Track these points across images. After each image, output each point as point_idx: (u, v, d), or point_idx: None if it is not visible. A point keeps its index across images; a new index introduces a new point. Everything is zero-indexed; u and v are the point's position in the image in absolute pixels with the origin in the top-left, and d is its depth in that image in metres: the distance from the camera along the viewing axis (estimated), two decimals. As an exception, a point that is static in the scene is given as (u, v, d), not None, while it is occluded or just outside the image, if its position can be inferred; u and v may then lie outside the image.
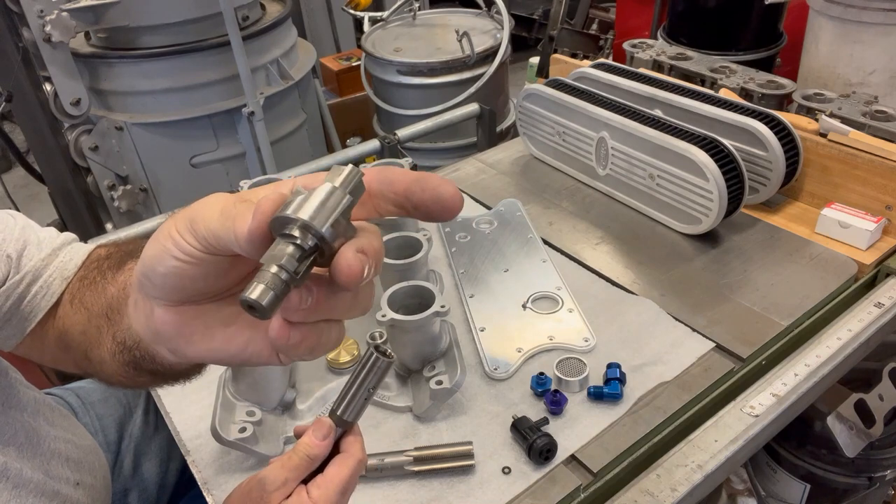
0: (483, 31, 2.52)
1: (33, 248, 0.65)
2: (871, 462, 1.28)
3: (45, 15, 1.80)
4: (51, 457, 0.70)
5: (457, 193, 0.40)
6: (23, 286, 0.63)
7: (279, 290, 0.36)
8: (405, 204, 0.40)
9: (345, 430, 0.54)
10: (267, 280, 0.35)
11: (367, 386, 0.52)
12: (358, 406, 0.53)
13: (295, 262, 0.36)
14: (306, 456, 0.52)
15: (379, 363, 0.51)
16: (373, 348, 0.51)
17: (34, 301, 0.64)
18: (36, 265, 0.64)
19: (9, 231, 0.64)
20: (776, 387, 0.85)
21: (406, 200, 0.40)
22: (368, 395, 0.52)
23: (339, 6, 3.27)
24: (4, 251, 0.63)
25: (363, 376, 0.52)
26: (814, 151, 1.14)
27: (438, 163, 2.04)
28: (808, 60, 1.92)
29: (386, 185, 0.40)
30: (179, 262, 0.41)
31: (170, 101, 2.12)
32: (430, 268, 1.05)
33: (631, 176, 1.18)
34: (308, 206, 0.36)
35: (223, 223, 0.38)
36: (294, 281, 0.36)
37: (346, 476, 0.52)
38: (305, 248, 0.36)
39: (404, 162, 1.09)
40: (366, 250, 0.37)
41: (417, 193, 0.40)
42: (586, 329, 0.94)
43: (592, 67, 1.40)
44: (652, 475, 0.76)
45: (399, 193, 0.40)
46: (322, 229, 0.36)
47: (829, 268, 1.03)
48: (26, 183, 3.22)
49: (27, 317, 0.64)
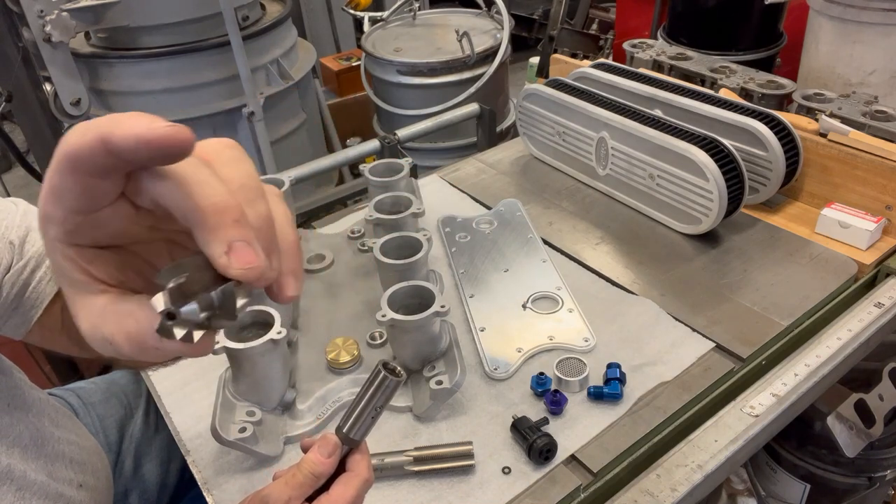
0: (483, 31, 2.52)
1: (35, 233, 0.65)
2: (871, 462, 1.28)
3: (45, 15, 1.80)
4: (55, 458, 0.70)
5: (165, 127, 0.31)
6: (27, 272, 0.63)
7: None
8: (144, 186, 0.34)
9: (351, 447, 0.53)
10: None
11: (375, 405, 0.51)
12: (365, 425, 0.52)
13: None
14: (311, 474, 0.51)
15: (387, 382, 0.50)
16: (381, 366, 0.50)
17: (39, 287, 0.63)
18: (39, 250, 0.64)
19: (11, 218, 0.64)
20: (776, 387, 0.85)
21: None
22: (376, 413, 0.52)
23: (339, 6, 3.27)
24: (7, 238, 0.62)
25: (371, 394, 0.51)
26: (814, 151, 1.14)
27: (438, 163, 2.04)
28: (808, 60, 1.92)
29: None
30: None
31: (170, 101, 2.12)
32: (430, 268, 1.05)
33: (631, 176, 1.18)
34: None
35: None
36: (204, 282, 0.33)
37: (352, 496, 0.51)
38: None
39: (404, 162, 1.09)
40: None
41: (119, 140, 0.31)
42: (586, 329, 0.94)
43: (592, 67, 1.40)
44: (652, 475, 0.76)
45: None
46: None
47: (829, 268, 1.03)
48: (26, 183, 3.22)
49: (34, 304, 0.63)
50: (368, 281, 1.05)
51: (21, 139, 2.85)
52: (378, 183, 1.06)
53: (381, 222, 0.98)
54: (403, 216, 0.97)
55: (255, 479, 0.78)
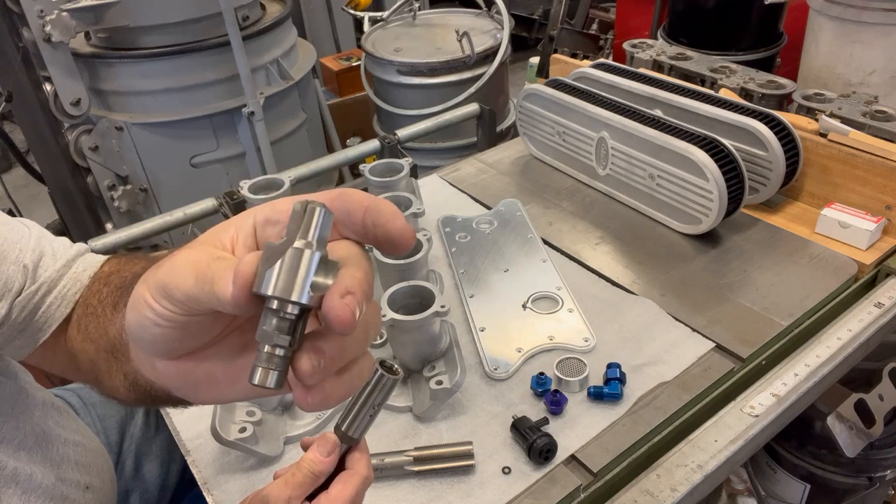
0: (483, 31, 2.52)
1: (48, 258, 0.65)
2: (871, 462, 1.28)
3: (45, 15, 1.80)
4: (61, 461, 0.70)
5: (406, 230, 0.39)
6: (38, 296, 0.63)
7: (280, 366, 0.37)
8: (364, 235, 0.40)
9: (350, 446, 0.53)
10: (264, 361, 0.37)
11: (373, 403, 0.51)
12: (364, 423, 0.52)
13: (286, 335, 0.36)
14: (310, 472, 0.51)
15: (384, 380, 0.50)
16: (378, 364, 0.50)
17: (48, 312, 0.63)
18: (51, 276, 0.64)
19: (24, 241, 0.64)
20: (776, 387, 0.85)
21: (364, 233, 0.40)
22: (374, 411, 0.51)
23: (339, 6, 3.27)
24: (21, 261, 0.63)
25: (368, 393, 0.50)
26: (814, 151, 1.14)
27: (438, 163, 2.04)
28: (808, 60, 1.93)
29: (344, 215, 0.39)
30: (162, 329, 0.40)
31: (170, 101, 2.12)
32: (430, 268, 1.05)
33: (631, 176, 1.18)
34: (282, 278, 0.35)
35: (201, 287, 0.37)
36: (292, 349, 0.37)
37: (351, 494, 0.51)
38: (292, 319, 0.36)
39: (404, 162, 1.09)
40: (351, 289, 0.36)
41: (370, 229, 0.39)
42: (586, 329, 0.94)
43: (592, 67, 1.40)
44: (652, 475, 0.76)
45: (357, 225, 0.40)
46: (301, 299, 0.35)
47: (829, 268, 1.03)
48: (26, 183, 3.22)
49: (41, 327, 0.64)
50: (368, 281, 1.05)
51: (21, 139, 2.85)
52: (378, 183, 1.06)
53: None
54: (403, 216, 0.97)
55: (255, 479, 0.78)
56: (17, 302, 0.62)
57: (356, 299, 0.36)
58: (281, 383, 0.37)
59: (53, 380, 1.59)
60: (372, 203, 0.39)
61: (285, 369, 0.37)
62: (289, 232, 0.36)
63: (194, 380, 0.44)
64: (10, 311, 0.61)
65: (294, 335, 0.37)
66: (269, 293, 0.35)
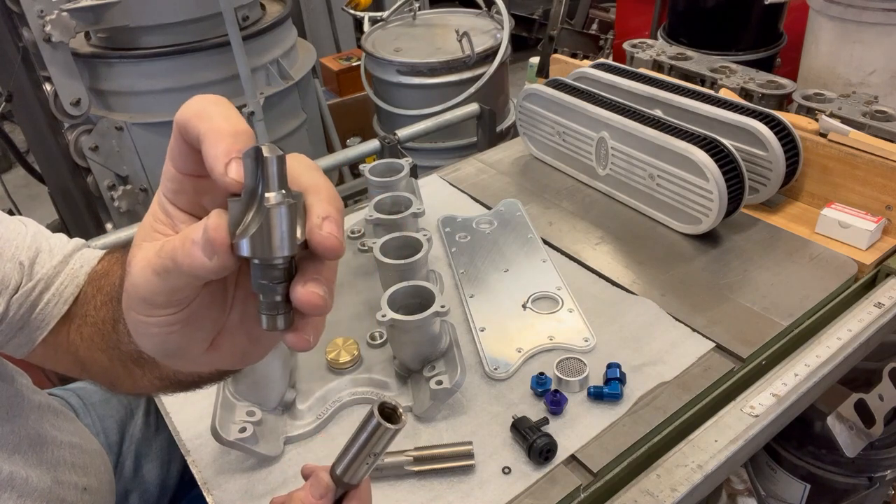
0: (483, 31, 2.52)
1: (45, 255, 0.65)
2: (871, 462, 1.28)
3: (45, 15, 1.80)
4: (57, 463, 0.70)
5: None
6: (35, 294, 0.63)
7: (283, 309, 0.37)
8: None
9: (346, 490, 0.50)
10: (267, 308, 0.37)
11: (371, 451, 0.47)
12: (361, 470, 0.49)
13: (281, 282, 0.37)
14: None
15: (380, 431, 0.46)
16: (377, 410, 0.46)
17: (46, 309, 0.63)
18: (48, 272, 0.64)
19: (21, 238, 0.64)
20: (776, 387, 0.85)
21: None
22: (373, 460, 0.48)
23: (339, 6, 3.27)
24: (17, 258, 0.62)
25: (365, 439, 0.47)
26: (814, 151, 1.14)
27: (438, 163, 2.04)
28: (808, 60, 1.93)
29: None
30: (176, 333, 0.40)
31: (170, 101, 2.12)
32: (430, 268, 1.05)
33: (631, 176, 1.18)
34: (263, 239, 0.35)
35: (169, 273, 0.37)
36: (287, 290, 0.37)
37: None
38: (282, 269, 0.36)
39: (404, 162, 1.09)
40: (325, 213, 0.36)
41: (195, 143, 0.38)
42: (586, 329, 0.94)
43: (592, 67, 1.40)
44: (652, 475, 0.76)
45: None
46: (285, 252, 0.35)
47: (829, 268, 1.03)
48: (26, 183, 3.22)
49: (39, 325, 0.63)
50: (368, 281, 1.05)
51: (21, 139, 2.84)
52: (378, 183, 1.06)
53: (381, 222, 0.98)
54: (403, 216, 0.97)
55: (255, 479, 0.78)
56: (14, 299, 0.62)
57: (334, 221, 0.36)
58: (290, 322, 0.38)
59: (53, 379, 1.59)
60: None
61: (289, 310, 0.38)
62: (246, 187, 0.35)
63: (240, 350, 0.44)
64: (7, 309, 0.61)
65: (288, 279, 0.37)
66: (254, 255, 0.35)
